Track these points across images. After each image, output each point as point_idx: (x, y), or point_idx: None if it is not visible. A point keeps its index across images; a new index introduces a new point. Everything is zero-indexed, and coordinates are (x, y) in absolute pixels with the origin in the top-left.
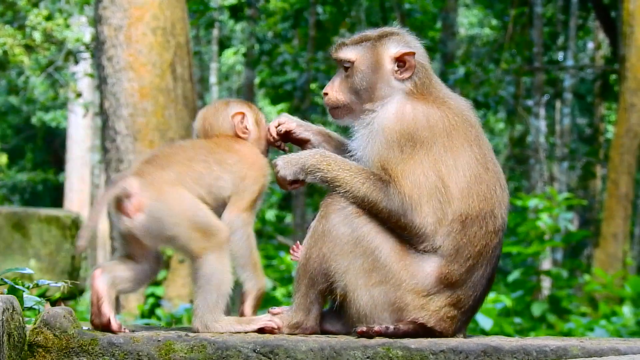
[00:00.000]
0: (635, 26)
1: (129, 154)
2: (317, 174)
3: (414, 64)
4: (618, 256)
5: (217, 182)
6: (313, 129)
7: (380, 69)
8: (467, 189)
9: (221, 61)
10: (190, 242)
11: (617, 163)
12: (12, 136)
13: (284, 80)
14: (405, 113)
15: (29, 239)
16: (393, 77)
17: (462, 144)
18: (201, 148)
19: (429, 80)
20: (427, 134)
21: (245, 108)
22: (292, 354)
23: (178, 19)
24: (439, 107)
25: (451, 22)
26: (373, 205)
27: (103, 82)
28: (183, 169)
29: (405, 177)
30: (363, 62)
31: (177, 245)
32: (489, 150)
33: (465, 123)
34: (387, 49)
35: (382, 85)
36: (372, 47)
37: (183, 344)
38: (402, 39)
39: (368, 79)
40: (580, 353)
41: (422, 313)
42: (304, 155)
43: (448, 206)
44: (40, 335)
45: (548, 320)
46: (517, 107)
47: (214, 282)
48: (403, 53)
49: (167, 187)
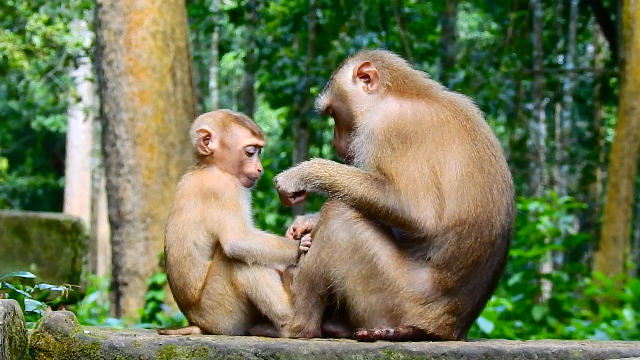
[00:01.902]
0: (635, 29)
1: (129, 158)
2: (315, 181)
3: (375, 71)
4: (618, 259)
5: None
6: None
7: (349, 94)
8: (459, 189)
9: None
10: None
11: (617, 166)
12: (12, 141)
13: (284, 85)
14: (391, 110)
15: (29, 244)
16: (365, 93)
17: (453, 140)
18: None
19: (404, 76)
20: (416, 129)
21: (216, 126)
22: (294, 357)
23: (178, 24)
24: (427, 100)
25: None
26: (371, 206)
27: (103, 87)
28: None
29: (400, 173)
30: (335, 99)
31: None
32: (487, 147)
33: (458, 116)
34: (345, 74)
35: (360, 106)
36: (334, 82)
37: (184, 347)
38: (357, 58)
39: (346, 109)
40: (581, 356)
41: (421, 321)
42: (301, 166)
43: (444, 203)
44: (41, 339)
45: (549, 324)
46: (517, 110)
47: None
48: (357, 69)
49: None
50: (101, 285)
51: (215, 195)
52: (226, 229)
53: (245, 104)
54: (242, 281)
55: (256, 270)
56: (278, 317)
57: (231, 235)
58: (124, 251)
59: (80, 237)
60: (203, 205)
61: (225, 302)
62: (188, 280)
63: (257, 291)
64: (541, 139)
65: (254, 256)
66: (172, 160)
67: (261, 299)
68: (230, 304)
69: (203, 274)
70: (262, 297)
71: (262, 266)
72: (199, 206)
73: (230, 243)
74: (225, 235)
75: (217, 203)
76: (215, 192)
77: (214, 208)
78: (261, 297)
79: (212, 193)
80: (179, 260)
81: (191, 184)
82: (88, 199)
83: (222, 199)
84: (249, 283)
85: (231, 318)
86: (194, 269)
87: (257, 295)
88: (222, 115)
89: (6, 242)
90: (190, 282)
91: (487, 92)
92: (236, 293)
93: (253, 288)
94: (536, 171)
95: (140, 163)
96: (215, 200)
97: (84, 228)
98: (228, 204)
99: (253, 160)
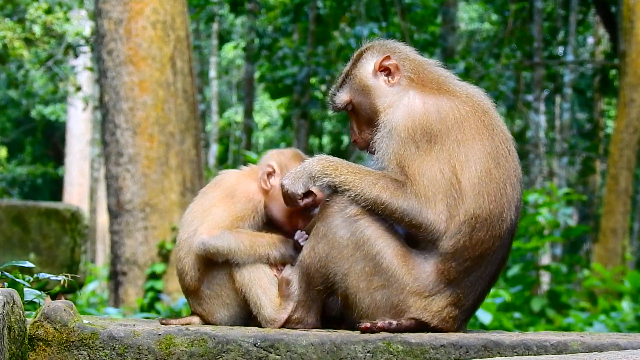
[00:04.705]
0: (636, 21)
1: (128, 148)
2: (324, 179)
3: (396, 63)
4: (617, 251)
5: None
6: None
7: (372, 88)
8: (478, 186)
9: (221, 55)
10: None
11: (617, 158)
12: (11, 130)
13: (284, 75)
14: (415, 107)
15: (28, 233)
16: (387, 87)
17: (473, 137)
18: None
19: (422, 67)
20: (440, 127)
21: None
22: (293, 348)
23: (178, 13)
24: (448, 96)
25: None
26: (386, 207)
27: (103, 76)
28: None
29: (422, 174)
30: (356, 95)
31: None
32: (503, 141)
33: (477, 111)
34: (366, 68)
35: (383, 99)
36: (354, 78)
37: (183, 337)
38: (373, 51)
39: (369, 104)
40: (580, 348)
41: (424, 314)
42: (307, 164)
43: (461, 203)
44: (40, 328)
45: (547, 315)
46: (517, 102)
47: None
48: (380, 61)
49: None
50: (100, 275)
51: (234, 197)
52: (208, 225)
53: (245, 94)
54: (238, 278)
55: (254, 271)
56: (266, 320)
57: (207, 231)
58: (123, 241)
59: (79, 226)
60: (219, 199)
61: (223, 293)
62: (184, 265)
63: (251, 291)
64: (541, 130)
65: (223, 255)
66: (171, 150)
67: (253, 299)
68: (227, 296)
69: (197, 262)
70: (253, 298)
71: (261, 267)
72: (216, 198)
73: (201, 239)
74: (201, 228)
75: (229, 203)
76: (236, 195)
77: (223, 205)
78: (253, 298)
79: (233, 194)
80: (180, 243)
81: (226, 179)
82: (87, 188)
83: (236, 203)
84: (245, 281)
85: (227, 310)
86: (189, 256)
87: (249, 295)
88: (291, 154)
89: (5, 231)
90: (185, 269)
91: (487, 84)
92: (233, 287)
93: (247, 287)
94: (536, 163)
95: (140, 152)
96: (229, 200)
97: (83, 217)
98: (237, 209)
99: (299, 220)
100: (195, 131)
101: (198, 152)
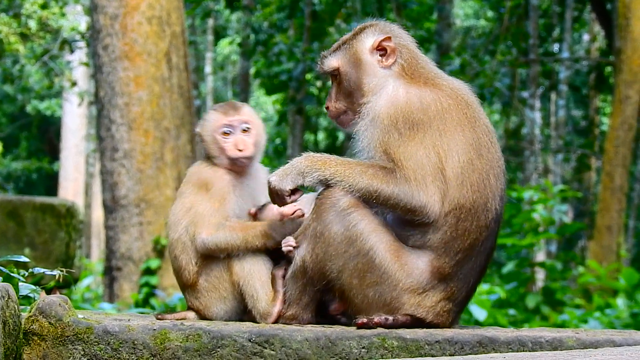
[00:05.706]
0: (631, 18)
1: (124, 143)
2: (314, 174)
3: (395, 47)
4: (612, 248)
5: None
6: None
7: (364, 63)
8: (461, 176)
9: (216, 51)
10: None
11: (612, 155)
12: (6, 124)
13: (280, 71)
14: (398, 97)
15: (23, 228)
16: (379, 67)
17: (455, 128)
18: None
19: (416, 59)
20: (422, 116)
21: (201, 124)
22: (288, 343)
23: (174, 8)
24: (432, 89)
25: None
26: (379, 194)
27: (98, 71)
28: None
29: (408, 158)
30: (346, 64)
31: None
32: (485, 134)
33: (459, 104)
34: (364, 43)
35: (371, 78)
36: (350, 47)
37: (178, 333)
38: (376, 29)
39: (356, 77)
40: (575, 344)
41: (419, 310)
42: (295, 161)
43: (447, 190)
44: (35, 323)
45: (542, 312)
46: (512, 98)
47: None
48: (380, 40)
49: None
50: (95, 270)
51: (207, 186)
52: (203, 224)
53: (241, 90)
54: (237, 270)
55: (254, 264)
56: (260, 314)
57: (205, 231)
58: (118, 236)
59: (74, 221)
60: (196, 194)
61: (221, 287)
62: (181, 263)
63: (248, 284)
64: (536, 127)
65: (223, 250)
66: (167, 145)
67: (249, 292)
68: (224, 290)
69: (194, 258)
70: (250, 291)
71: (261, 260)
72: (193, 194)
73: (201, 238)
74: (199, 229)
75: (206, 194)
76: (207, 184)
77: (202, 198)
78: (250, 290)
79: (205, 184)
80: (172, 243)
81: (192, 173)
82: (82, 183)
83: (212, 191)
84: (243, 273)
85: (224, 304)
86: (185, 253)
87: (246, 288)
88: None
89: (0, 225)
90: (183, 265)
91: (482, 80)
92: (231, 280)
93: (245, 279)
94: (531, 159)
95: (135, 148)
96: (205, 192)
97: (78, 212)
98: (215, 196)
99: (229, 139)
100: (191, 127)
101: (193, 148)
